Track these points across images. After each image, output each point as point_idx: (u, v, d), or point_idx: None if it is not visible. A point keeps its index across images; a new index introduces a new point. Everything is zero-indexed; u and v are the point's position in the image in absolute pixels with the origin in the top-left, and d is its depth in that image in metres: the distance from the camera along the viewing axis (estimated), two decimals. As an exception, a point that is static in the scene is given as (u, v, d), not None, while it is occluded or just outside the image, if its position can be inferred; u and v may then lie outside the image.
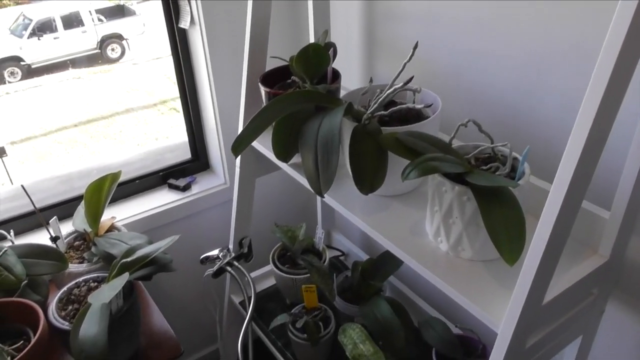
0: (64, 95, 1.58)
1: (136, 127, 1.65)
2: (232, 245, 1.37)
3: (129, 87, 2.17)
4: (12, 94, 1.82)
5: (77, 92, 1.65)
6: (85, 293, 1.09)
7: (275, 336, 1.30)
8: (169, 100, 2.32)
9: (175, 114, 1.82)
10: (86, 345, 0.92)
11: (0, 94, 1.89)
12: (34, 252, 1.15)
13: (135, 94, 1.90)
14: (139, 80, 2.43)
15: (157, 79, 2.50)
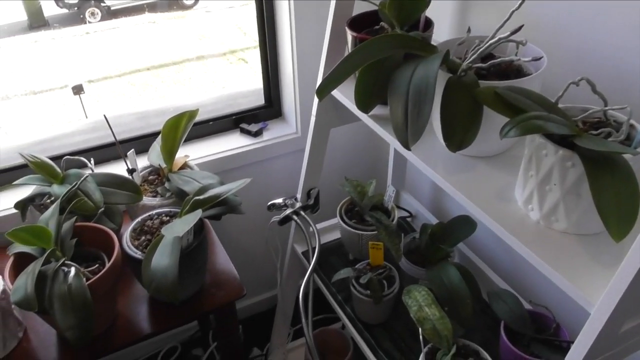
0: (139, 38, 1.61)
1: (205, 74, 1.65)
2: (300, 195, 1.35)
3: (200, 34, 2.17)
4: (92, 34, 1.86)
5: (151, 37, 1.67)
6: (157, 226, 1.11)
7: (336, 289, 1.29)
8: (238, 51, 2.33)
9: (243, 64, 1.80)
10: (157, 275, 0.94)
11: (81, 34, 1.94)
12: (112, 181, 1.17)
13: (206, 41, 1.90)
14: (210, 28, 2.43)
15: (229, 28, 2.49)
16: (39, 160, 1.17)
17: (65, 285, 0.92)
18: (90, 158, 1.25)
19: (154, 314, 1.12)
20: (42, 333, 1.08)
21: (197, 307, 1.12)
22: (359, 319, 1.21)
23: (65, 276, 0.94)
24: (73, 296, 0.91)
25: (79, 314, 0.91)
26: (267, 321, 1.73)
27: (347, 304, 1.25)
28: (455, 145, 0.79)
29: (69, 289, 0.92)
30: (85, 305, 0.92)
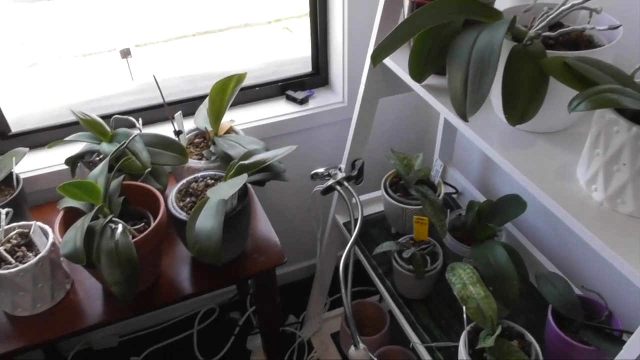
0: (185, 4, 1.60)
1: (250, 42, 1.63)
2: (344, 165, 1.33)
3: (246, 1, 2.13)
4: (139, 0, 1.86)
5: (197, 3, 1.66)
6: (202, 188, 1.12)
7: (377, 262, 1.28)
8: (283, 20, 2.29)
9: (288, 33, 1.77)
10: (201, 237, 0.95)
11: (129, 0, 1.96)
12: (159, 142, 1.18)
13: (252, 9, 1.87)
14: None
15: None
16: (90, 118, 1.19)
17: (113, 242, 0.94)
18: (139, 118, 1.26)
19: (196, 275, 1.13)
20: (88, 286, 1.11)
21: (238, 271, 1.13)
22: (398, 293, 1.20)
23: (113, 232, 0.95)
24: (120, 252, 0.93)
25: (125, 270, 0.93)
26: (303, 290, 1.74)
27: (387, 278, 1.24)
28: (515, 118, 0.75)
29: (116, 245, 0.93)
30: (131, 262, 0.94)
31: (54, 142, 1.21)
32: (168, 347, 1.70)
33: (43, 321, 1.04)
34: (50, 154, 1.33)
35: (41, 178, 1.31)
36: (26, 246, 1.04)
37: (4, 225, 1.04)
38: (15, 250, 1.03)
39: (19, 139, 1.35)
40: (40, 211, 1.29)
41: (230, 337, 1.71)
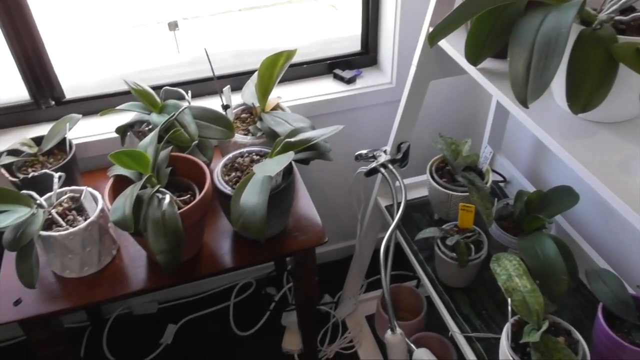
0: None
1: (295, 19, 1.61)
2: (390, 147, 1.31)
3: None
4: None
5: None
6: (248, 163, 1.12)
7: (418, 248, 1.26)
8: None
9: (333, 11, 1.74)
10: (245, 212, 0.95)
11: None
12: (207, 116, 1.19)
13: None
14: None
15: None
16: (141, 89, 1.20)
17: (159, 211, 0.95)
18: (188, 91, 1.27)
19: (237, 249, 1.14)
20: (133, 253, 1.14)
21: (278, 248, 1.13)
22: (439, 280, 1.18)
23: (160, 202, 0.97)
24: (166, 222, 0.95)
25: (170, 239, 0.94)
26: (340, 270, 1.74)
27: (428, 264, 1.22)
28: (579, 105, 0.71)
29: (163, 215, 0.95)
30: (177, 232, 0.95)
31: (106, 110, 1.23)
32: (204, 317, 1.74)
33: (89, 284, 1.07)
34: (102, 121, 1.35)
35: (92, 145, 1.34)
36: (76, 210, 1.07)
37: (57, 188, 1.07)
38: (66, 214, 1.06)
39: (72, 105, 1.39)
40: (89, 177, 1.33)
41: (265, 312, 1.73)
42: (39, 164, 1.20)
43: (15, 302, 1.04)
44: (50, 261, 1.06)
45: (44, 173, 1.11)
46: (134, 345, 1.66)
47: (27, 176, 1.13)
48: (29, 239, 0.94)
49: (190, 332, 1.70)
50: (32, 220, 0.96)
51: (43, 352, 1.12)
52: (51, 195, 1.06)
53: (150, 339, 1.67)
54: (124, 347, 1.66)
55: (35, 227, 0.96)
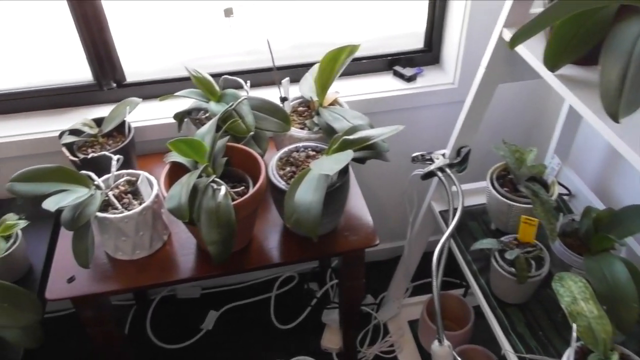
0: None
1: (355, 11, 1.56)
2: (449, 151, 1.26)
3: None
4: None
5: None
6: (303, 159, 1.10)
7: (472, 258, 1.21)
8: None
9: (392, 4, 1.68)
10: (299, 209, 0.93)
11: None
12: (264, 107, 1.17)
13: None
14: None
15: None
16: (201, 76, 1.20)
17: (214, 202, 0.94)
18: (247, 80, 1.26)
19: (286, 244, 1.12)
20: (184, 240, 1.14)
21: (328, 247, 1.11)
22: (493, 294, 1.13)
23: (214, 193, 0.96)
24: (219, 213, 0.94)
25: (222, 231, 0.93)
26: (385, 271, 1.71)
27: (481, 276, 1.17)
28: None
29: (217, 206, 0.94)
30: (229, 224, 0.94)
31: (165, 95, 1.23)
32: (246, 307, 1.74)
33: (140, 267, 1.08)
34: (160, 106, 1.36)
35: (149, 129, 1.35)
36: (132, 194, 1.08)
37: (115, 171, 1.08)
38: (122, 197, 1.07)
39: (132, 88, 1.40)
40: (144, 160, 1.34)
41: (306, 307, 1.71)
42: (98, 145, 1.22)
43: (69, 279, 1.05)
44: (104, 242, 1.08)
45: (103, 155, 1.12)
46: (176, 327, 1.68)
47: (87, 156, 1.15)
48: (86, 220, 0.95)
49: (231, 320, 1.71)
50: (90, 202, 0.97)
51: (91, 329, 1.14)
52: (109, 177, 1.07)
53: (191, 323, 1.69)
54: (166, 328, 1.68)
55: (92, 209, 0.97)
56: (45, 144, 1.32)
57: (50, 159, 1.34)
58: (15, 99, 1.36)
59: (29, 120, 1.36)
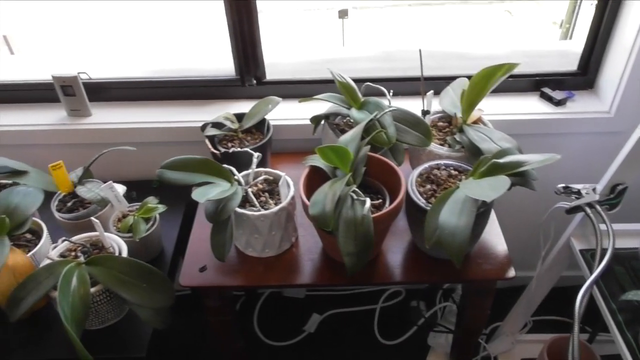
0: None
1: (466, 19, 1.47)
2: (602, 186, 1.15)
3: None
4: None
5: None
6: (445, 177, 1.05)
7: (617, 306, 1.09)
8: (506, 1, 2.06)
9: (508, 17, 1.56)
10: (444, 232, 0.88)
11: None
12: (406, 119, 1.13)
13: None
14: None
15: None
16: (345, 82, 1.19)
17: (353, 212, 0.92)
18: (390, 90, 1.23)
19: (415, 263, 1.08)
20: (310, 244, 1.13)
21: (460, 273, 1.05)
22: (643, 352, 1.01)
23: (353, 203, 0.94)
24: (358, 225, 0.91)
25: (359, 243, 0.91)
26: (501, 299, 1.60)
27: (628, 329, 1.05)
28: None
29: (356, 217, 0.92)
30: (367, 237, 0.91)
31: (305, 98, 1.24)
32: (349, 315, 1.72)
33: (267, 266, 1.09)
34: (296, 106, 1.37)
35: (284, 128, 1.36)
36: (269, 193, 1.09)
37: (255, 168, 1.09)
38: (259, 194, 1.08)
39: (270, 86, 1.43)
40: (277, 159, 1.36)
41: (411, 325, 1.66)
42: (237, 140, 1.25)
43: (201, 268, 1.09)
44: (237, 237, 1.10)
45: (245, 151, 1.14)
46: (280, 325, 1.70)
47: (228, 151, 1.18)
48: (228, 214, 0.97)
49: (333, 326, 1.70)
50: (233, 197, 0.99)
51: (212, 318, 1.18)
52: (248, 173, 1.09)
53: (295, 323, 1.70)
54: (270, 324, 1.71)
55: (234, 204, 0.98)
56: (185, 133, 1.38)
57: (189, 148, 1.41)
58: (162, 87, 1.44)
59: (173, 108, 1.43)
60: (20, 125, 1.38)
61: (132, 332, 1.09)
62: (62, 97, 1.37)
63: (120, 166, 1.44)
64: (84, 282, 0.99)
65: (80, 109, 1.40)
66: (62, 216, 1.18)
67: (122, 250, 1.09)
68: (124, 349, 1.06)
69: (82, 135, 1.39)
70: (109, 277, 1.00)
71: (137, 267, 1.02)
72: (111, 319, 1.09)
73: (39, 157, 1.38)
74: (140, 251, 1.16)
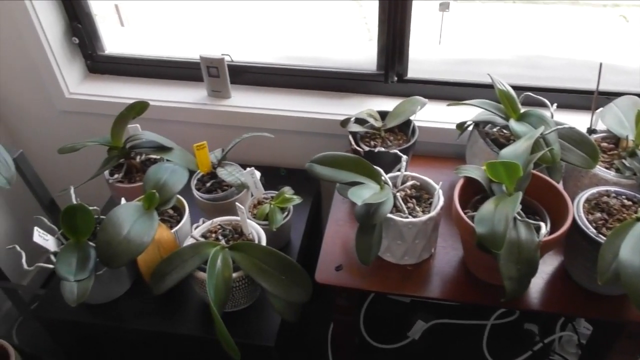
0: None
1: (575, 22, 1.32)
2: None
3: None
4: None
5: None
6: (618, 207, 0.95)
7: None
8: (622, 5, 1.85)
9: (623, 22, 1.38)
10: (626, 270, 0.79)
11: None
12: (571, 137, 1.05)
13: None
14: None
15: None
16: (505, 89, 1.12)
17: (517, 234, 0.86)
18: (554, 103, 1.14)
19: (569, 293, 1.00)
20: (449, 257, 1.08)
21: (620, 312, 0.96)
22: None
23: (516, 223, 0.88)
24: (523, 249, 0.85)
25: (522, 267, 0.85)
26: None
27: None
28: None
29: (521, 240, 0.86)
30: (532, 262, 0.85)
31: (454, 102, 1.18)
32: (457, 327, 1.65)
33: (404, 274, 1.05)
34: (439, 108, 1.32)
35: (425, 130, 1.29)
36: (416, 199, 1.05)
37: (404, 171, 1.05)
38: (407, 200, 1.04)
39: (412, 85, 1.38)
40: (414, 161, 1.31)
41: (523, 348, 1.57)
42: (379, 139, 1.21)
43: (337, 267, 1.07)
44: (378, 240, 1.07)
45: (393, 153, 1.11)
46: (384, 328, 1.67)
47: (373, 150, 1.15)
48: (380, 219, 0.94)
49: (439, 336, 1.64)
50: (386, 201, 0.96)
51: (338, 316, 1.16)
52: (397, 176, 1.05)
53: (399, 328, 1.66)
54: (375, 326, 1.68)
55: (387, 209, 0.95)
56: (322, 125, 1.36)
57: (325, 140, 1.39)
58: (300, 75, 1.42)
59: (310, 98, 1.41)
60: (164, 101, 1.42)
61: (262, 320, 1.10)
62: (206, 77, 1.40)
63: (251, 149, 1.46)
64: (227, 266, 1.00)
65: (221, 91, 1.42)
66: (202, 196, 1.21)
67: (261, 238, 1.09)
68: (253, 336, 1.07)
69: (221, 117, 1.41)
70: (250, 264, 1.01)
71: (278, 258, 1.02)
72: (242, 304, 1.10)
73: (178, 133, 1.42)
74: (271, 240, 1.16)
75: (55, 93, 1.47)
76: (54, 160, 1.64)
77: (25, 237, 1.69)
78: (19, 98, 1.53)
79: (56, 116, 1.55)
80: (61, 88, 1.46)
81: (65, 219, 1.04)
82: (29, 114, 1.57)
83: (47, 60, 1.40)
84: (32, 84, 1.48)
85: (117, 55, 1.51)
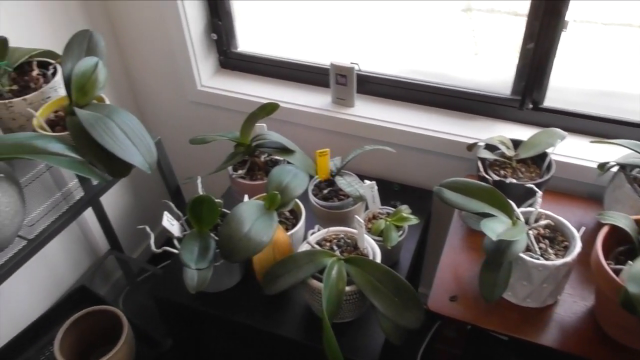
0: None
1: None
2: None
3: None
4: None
5: None
6: None
7: None
8: None
9: None
10: None
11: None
12: None
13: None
14: None
15: None
16: (664, 134, 1.01)
17: (671, 299, 0.77)
18: None
19: None
20: (577, 308, 1.00)
21: None
22: None
23: (670, 286, 0.78)
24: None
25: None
26: None
27: None
28: None
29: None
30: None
31: (599, 139, 1.10)
32: None
33: (524, 317, 0.99)
34: (578, 143, 1.22)
35: (561, 165, 1.18)
36: (549, 240, 0.98)
37: (538, 208, 0.99)
38: (539, 239, 0.98)
39: (548, 114, 1.29)
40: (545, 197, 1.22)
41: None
42: (510, 169, 1.15)
43: (452, 297, 1.02)
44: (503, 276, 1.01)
45: (527, 187, 1.04)
46: (476, 361, 1.59)
47: (504, 180, 1.09)
48: (511, 258, 0.89)
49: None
50: (520, 240, 0.90)
51: (442, 346, 1.12)
52: (530, 212, 0.99)
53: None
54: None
55: (520, 248, 0.89)
56: (446, 145, 1.32)
57: (447, 161, 1.35)
58: (426, 91, 1.38)
59: (435, 116, 1.37)
60: (289, 103, 1.44)
61: (365, 337, 1.08)
62: (333, 84, 1.40)
63: (366, 160, 1.44)
64: (342, 278, 0.99)
65: (345, 99, 1.41)
66: (319, 202, 1.21)
67: (375, 254, 1.07)
68: (356, 351, 1.05)
69: (343, 125, 1.41)
70: (365, 280, 0.99)
71: (393, 278, 0.99)
72: (347, 317, 1.09)
73: (299, 136, 1.44)
74: (384, 261, 1.14)
75: (189, 84, 1.54)
76: (180, 148, 1.72)
77: (141, 217, 1.80)
78: (155, 85, 1.63)
79: (186, 106, 1.63)
80: (195, 80, 1.53)
81: (192, 208, 1.08)
82: (162, 102, 1.66)
83: (186, 53, 1.47)
84: (168, 73, 1.57)
85: (248, 54, 1.55)
